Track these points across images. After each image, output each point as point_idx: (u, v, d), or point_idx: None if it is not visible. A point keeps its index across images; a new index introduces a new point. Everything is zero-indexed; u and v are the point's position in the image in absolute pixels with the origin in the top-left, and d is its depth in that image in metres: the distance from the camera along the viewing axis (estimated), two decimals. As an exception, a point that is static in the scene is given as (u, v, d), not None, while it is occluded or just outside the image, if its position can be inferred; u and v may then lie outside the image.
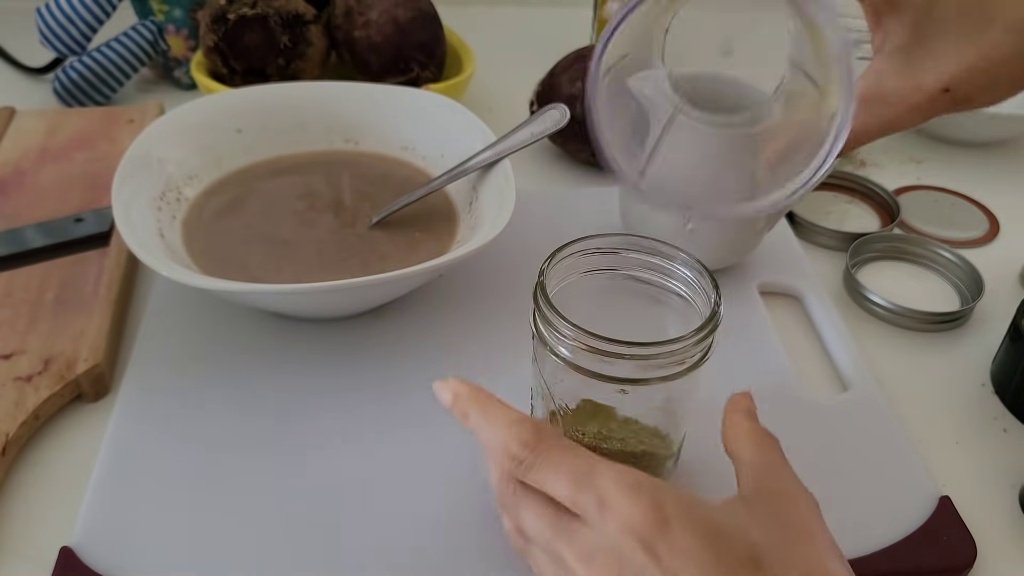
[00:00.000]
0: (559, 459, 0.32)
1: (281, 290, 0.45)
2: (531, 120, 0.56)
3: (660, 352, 0.35)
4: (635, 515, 0.30)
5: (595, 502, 0.31)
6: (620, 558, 0.30)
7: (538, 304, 0.37)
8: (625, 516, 0.30)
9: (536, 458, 0.33)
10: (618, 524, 0.30)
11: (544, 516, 0.33)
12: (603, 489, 0.31)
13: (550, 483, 0.32)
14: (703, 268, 0.39)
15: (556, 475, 0.32)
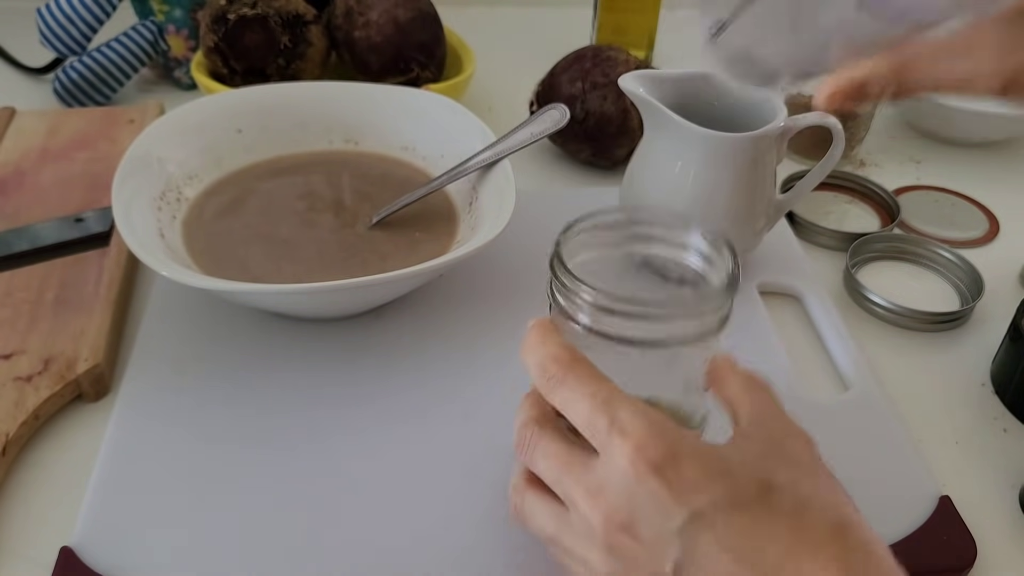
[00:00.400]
0: (585, 381, 0.33)
1: (281, 290, 0.45)
2: (531, 120, 0.56)
3: (681, 310, 0.35)
4: (648, 439, 0.31)
5: (609, 423, 0.31)
6: (629, 490, 0.31)
7: (555, 273, 0.36)
8: (638, 439, 0.31)
9: (566, 375, 0.33)
10: (631, 446, 0.31)
11: (557, 455, 0.33)
12: (619, 413, 0.31)
13: (571, 403, 0.33)
14: (719, 238, 0.38)
15: (579, 395, 0.32)
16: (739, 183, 0.52)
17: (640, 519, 0.31)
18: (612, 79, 0.63)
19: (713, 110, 0.54)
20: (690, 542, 0.30)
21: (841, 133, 0.53)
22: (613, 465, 0.31)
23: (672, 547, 0.30)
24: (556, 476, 0.34)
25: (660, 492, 0.30)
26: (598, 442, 0.32)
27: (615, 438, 0.31)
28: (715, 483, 0.30)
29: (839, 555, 0.30)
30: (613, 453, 0.31)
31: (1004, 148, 0.76)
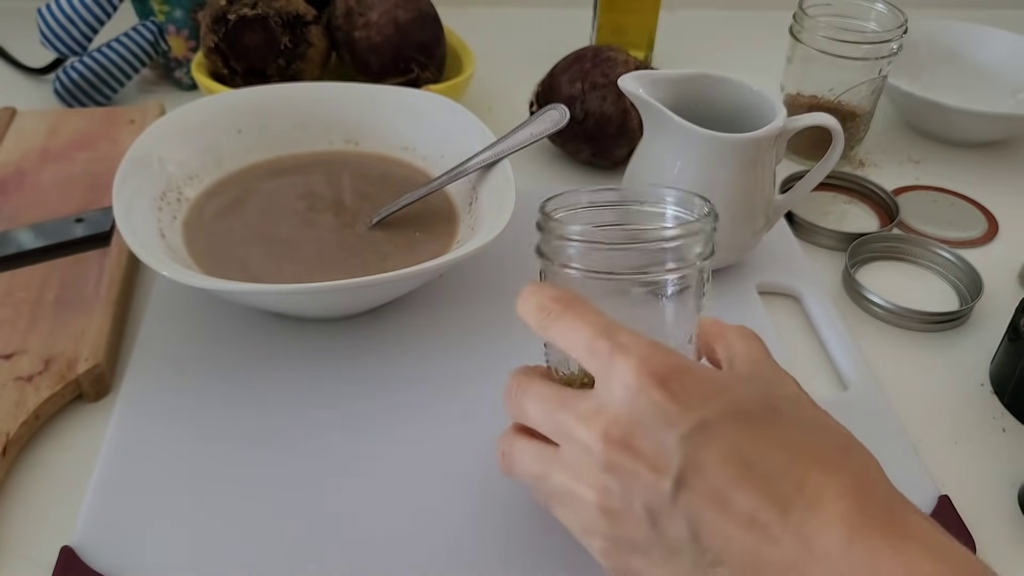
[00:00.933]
0: (583, 314, 0.33)
1: (281, 290, 0.45)
2: (531, 120, 0.56)
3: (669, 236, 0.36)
4: (651, 355, 0.31)
5: (610, 346, 0.31)
6: (631, 401, 0.30)
7: (541, 225, 0.37)
8: (641, 354, 0.31)
9: (563, 310, 0.33)
10: (632, 362, 0.30)
11: (549, 397, 0.34)
12: (620, 337, 0.31)
13: (570, 332, 0.33)
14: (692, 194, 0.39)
15: (578, 324, 0.33)
16: (738, 183, 0.52)
17: (641, 431, 0.30)
18: (612, 79, 0.63)
19: (713, 110, 0.54)
20: (694, 452, 0.29)
21: (840, 133, 0.53)
22: (614, 384, 0.31)
23: (674, 458, 0.30)
24: (548, 413, 0.33)
25: (664, 402, 0.30)
26: (598, 365, 0.32)
27: (617, 356, 0.31)
28: (720, 396, 0.30)
29: (847, 468, 0.30)
30: (615, 370, 0.31)
31: (1004, 148, 0.76)
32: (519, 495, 0.43)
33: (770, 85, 0.60)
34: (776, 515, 0.29)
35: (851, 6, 0.71)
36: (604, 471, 0.31)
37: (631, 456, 0.30)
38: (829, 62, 0.68)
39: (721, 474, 0.29)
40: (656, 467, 0.30)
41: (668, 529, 0.30)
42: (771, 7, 0.92)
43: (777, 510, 0.29)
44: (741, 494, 0.29)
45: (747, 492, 0.29)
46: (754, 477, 0.29)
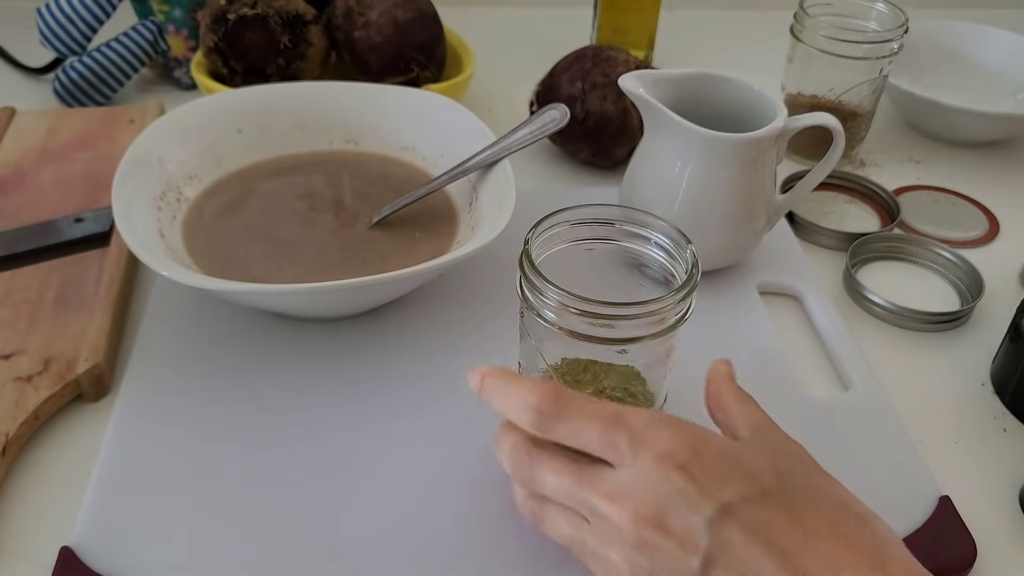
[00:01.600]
0: (585, 408, 0.33)
1: (281, 290, 0.45)
2: (531, 120, 0.56)
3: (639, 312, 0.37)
4: (669, 442, 0.32)
5: (628, 438, 0.32)
6: (656, 489, 0.32)
7: (524, 270, 0.39)
8: (661, 444, 0.32)
9: (563, 410, 0.33)
10: (655, 452, 0.32)
11: (565, 470, 0.34)
12: (635, 425, 0.33)
13: (578, 431, 0.33)
14: (682, 235, 0.41)
15: (585, 422, 0.33)
16: (739, 183, 0.52)
17: (669, 513, 0.31)
18: (612, 79, 0.63)
19: (713, 110, 0.54)
20: (719, 533, 0.31)
21: (841, 133, 0.53)
22: (637, 468, 0.32)
23: (702, 538, 0.31)
24: (568, 488, 0.34)
25: (687, 487, 0.31)
26: (620, 458, 0.33)
27: (638, 449, 0.32)
28: (736, 475, 0.32)
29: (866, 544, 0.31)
30: (637, 461, 0.32)
31: (1004, 148, 0.76)
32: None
33: (771, 85, 0.59)
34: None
35: (852, 6, 0.71)
36: (635, 547, 0.32)
37: (662, 536, 0.32)
38: (830, 62, 0.67)
39: (747, 550, 0.31)
40: (685, 546, 0.31)
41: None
42: (771, 7, 0.92)
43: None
44: (765, 565, 0.31)
45: (770, 564, 0.31)
46: (776, 552, 0.31)
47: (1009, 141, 0.77)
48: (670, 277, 0.41)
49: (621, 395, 0.42)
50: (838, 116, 0.56)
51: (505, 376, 0.35)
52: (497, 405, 0.35)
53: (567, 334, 0.38)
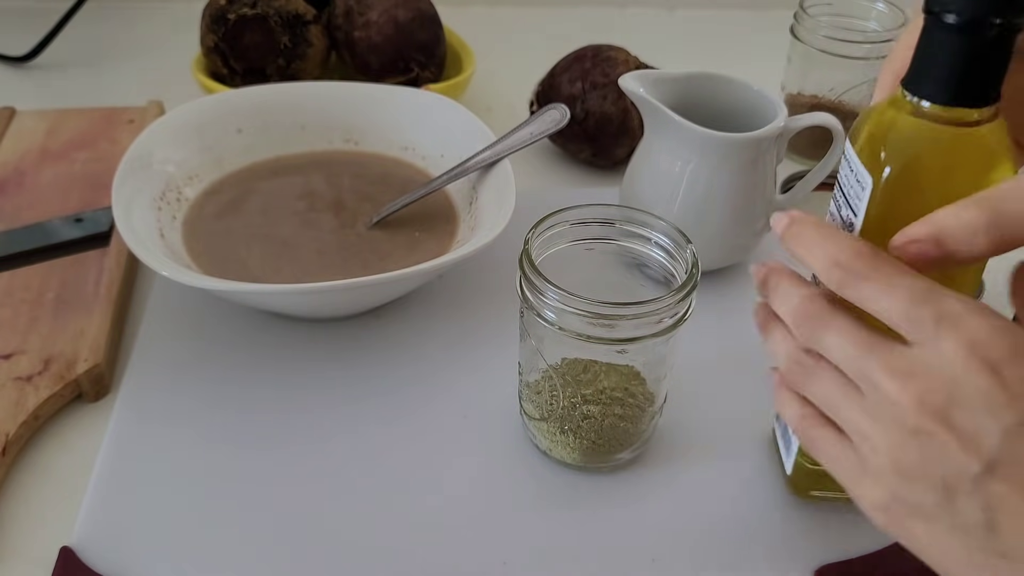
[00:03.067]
0: (895, 273, 0.30)
1: (281, 290, 0.45)
2: (531, 120, 0.56)
3: (639, 312, 0.37)
4: (986, 335, 0.28)
5: (934, 315, 0.29)
6: (952, 379, 0.28)
7: (524, 270, 0.39)
8: (973, 332, 0.28)
9: (873, 270, 0.30)
10: (963, 340, 0.28)
11: (854, 333, 0.31)
12: (949, 306, 0.29)
13: (883, 294, 0.30)
14: (682, 235, 0.41)
15: (891, 287, 0.30)
16: (739, 183, 0.52)
17: (962, 409, 0.28)
18: (612, 79, 0.63)
19: (713, 110, 0.54)
20: (1011, 446, 0.28)
21: (841, 133, 0.53)
22: (938, 354, 0.29)
23: (991, 445, 0.28)
24: (855, 355, 0.31)
25: (993, 391, 0.28)
26: (919, 334, 0.29)
27: (944, 330, 0.29)
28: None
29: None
30: (940, 343, 0.29)
31: (1004, 148, 0.76)
32: (520, 493, 0.43)
33: (770, 85, 0.59)
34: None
35: (852, 5, 0.70)
36: (910, 433, 0.29)
37: (945, 428, 0.28)
38: (830, 62, 0.67)
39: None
40: (968, 447, 0.28)
41: (963, 508, 0.29)
42: (771, 7, 0.92)
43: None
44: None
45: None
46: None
47: (1009, 141, 0.77)
48: (670, 277, 0.41)
49: (621, 395, 0.42)
50: (838, 116, 0.56)
51: (817, 226, 0.32)
52: (801, 253, 0.32)
53: (567, 334, 0.38)
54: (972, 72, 0.30)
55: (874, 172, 0.33)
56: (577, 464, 0.43)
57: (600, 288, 0.37)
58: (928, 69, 0.31)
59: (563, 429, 0.42)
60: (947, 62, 0.30)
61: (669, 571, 0.39)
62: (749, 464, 0.44)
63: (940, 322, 0.29)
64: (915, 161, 0.32)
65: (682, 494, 0.43)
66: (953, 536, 0.30)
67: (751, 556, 0.40)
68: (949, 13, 0.29)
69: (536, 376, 0.42)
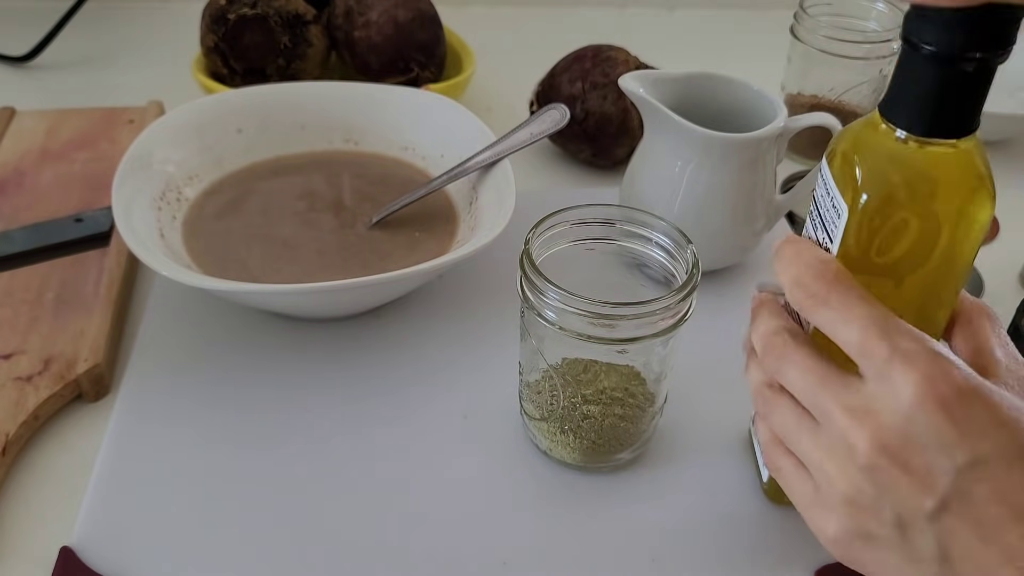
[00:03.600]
0: (856, 301, 0.30)
1: (281, 290, 0.45)
2: (531, 120, 0.56)
3: (639, 312, 0.37)
4: (938, 373, 0.28)
5: (887, 352, 0.29)
6: (905, 417, 0.28)
7: (524, 270, 0.39)
8: (925, 369, 0.28)
9: (831, 293, 0.31)
10: (914, 377, 0.28)
11: (813, 370, 0.32)
12: (901, 341, 0.29)
13: (839, 325, 0.30)
14: (682, 235, 0.41)
15: (847, 318, 0.30)
16: (739, 183, 0.52)
17: (914, 449, 0.29)
18: (612, 79, 0.63)
19: (713, 110, 0.54)
20: (964, 484, 0.28)
21: (841, 133, 0.53)
22: (891, 391, 0.29)
23: (943, 483, 0.28)
24: (811, 389, 0.32)
25: (944, 429, 0.28)
26: (872, 367, 0.29)
27: (897, 366, 0.29)
28: (1003, 430, 0.28)
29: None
30: (895, 380, 0.29)
31: (1004, 148, 0.76)
32: (520, 493, 0.43)
33: (770, 85, 0.59)
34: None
35: (852, 5, 0.70)
36: (863, 472, 0.30)
37: (898, 468, 0.29)
38: (830, 62, 0.67)
39: (991, 511, 0.28)
40: (922, 485, 0.29)
41: (916, 541, 0.30)
42: (771, 7, 0.92)
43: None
44: (1011, 535, 0.28)
45: (1014, 533, 0.28)
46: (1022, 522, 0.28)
47: (1009, 141, 0.77)
48: (670, 277, 0.41)
49: (621, 395, 0.42)
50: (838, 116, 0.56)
51: (793, 243, 0.33)
52: (778, 272, 0.33)
53: (568, 334, 0.38)
54: (950, 104, 0.30)
55: (849, 198, 0.32)
56: (577, 464, 0.43)
57: (600, 288, 0.37)
58: (905, 98, 0.30)
59: (563, 429, 0.42)
60: (925, 93, 0.29)
61: (669, 571, 0.39)
62: (749, 464, 0.44)
63: (892, 359, 0.29)
64: (892, 188, 0.31)
65: (682, 494, 0.43)
66: (907, 567, 0.31)
67: (751, 556, 0.40)
68: (927, 45, 0.28)
69: (536, 376, 0.42)
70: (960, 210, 0.31)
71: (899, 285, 0.33)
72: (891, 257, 0.32)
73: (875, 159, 0.32)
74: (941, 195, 0.31)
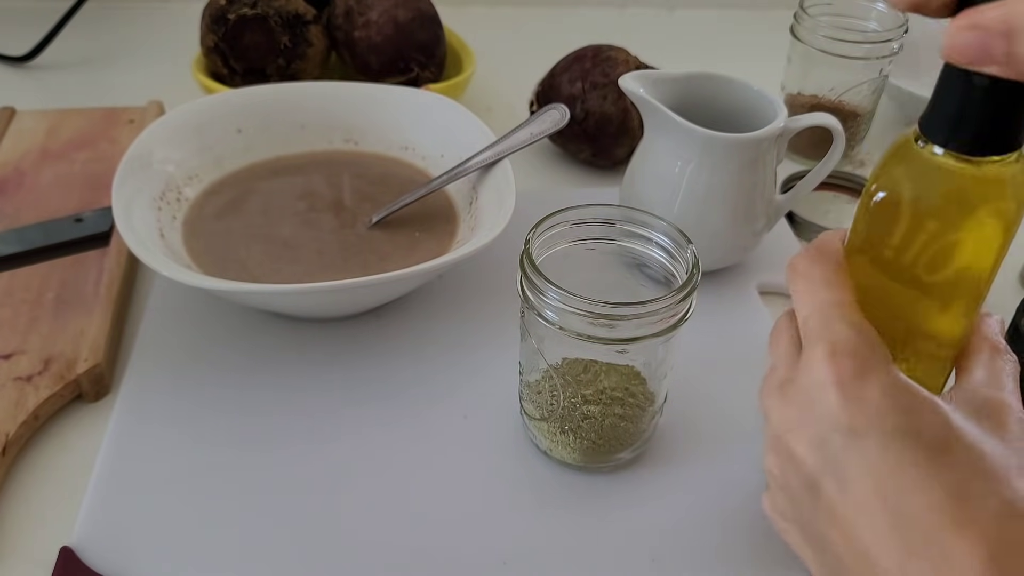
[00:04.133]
0: (822, 284, 0.32)
1: (281, 290, 0.45)
2: (531, 120, 0.56)
3: (639, 312, 0.37)
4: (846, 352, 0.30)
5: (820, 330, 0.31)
6: (807, 393, 0.31)
7: (524, 270, 0.39)
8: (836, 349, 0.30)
9: (807, 269, 0.33)
10: (823, 355, 0.30)
11: (777, 354, 0.34)
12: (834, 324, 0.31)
13: (800, 300, 0.33)
14: (682, 235, 0.41)
15: (807, 293, 0.33)
16: (739, 183, 0.52)
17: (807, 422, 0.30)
18: (612, 79, 0.63)
19: (713, 110, 0.54)
20: (841, 457, 0.29)
21: (841, 134, 0.53)
22: (805, 366, 0.31)
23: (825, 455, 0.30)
24: (776, 363, 0.34)
25: (834, 403, 0.29)
26: (805, 343, 0.32)
27: (814, 342, 0.31)
28: (894, 414, 0.29)
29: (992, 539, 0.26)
30: (809, 355, 0.31)
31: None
32: (520, 493, 0.43)
33: (771, 85, 0.59)
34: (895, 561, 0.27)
35: (852, 5, 0.70)
36: (771, 445, 0.32)
37: (793, 439, 0.31)
38: (830, 62, 0.67)
39: (858, 489, 0.29)
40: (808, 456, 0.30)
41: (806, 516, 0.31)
42: (771, 7, 0.92)
43: (897, 556, 0.27)
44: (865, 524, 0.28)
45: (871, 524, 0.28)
46: (887, 508, 0.28)
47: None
48: (670, 277, 0.41)
49: (621, 395, 0.42)
50: (838, 116, 0.56)
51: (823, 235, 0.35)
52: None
53: (568, 334, 0.38)
54: (993, 120, 0.29)
55: (864, 193, 0.33)
56: (577, 464, 0.43)
57: (600, 288, 0.37)
58: (944, 115, 0.30)
59: (563, 429, 0.42)
60: (968, 110, 0.29)
61: (669, 571, 0.40)
62: (749, 464, 0.44)
63: (820, 338, 0.31)
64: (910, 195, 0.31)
65: (682, 494, 0.43)
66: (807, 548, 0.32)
67: (751, 556, 0.40)
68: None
69: (536, 376, 0.42)
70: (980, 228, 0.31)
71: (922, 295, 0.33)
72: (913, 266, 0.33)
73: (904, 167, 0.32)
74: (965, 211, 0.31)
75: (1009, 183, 0.30)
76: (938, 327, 0.34)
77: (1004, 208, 0.30)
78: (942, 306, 0.33)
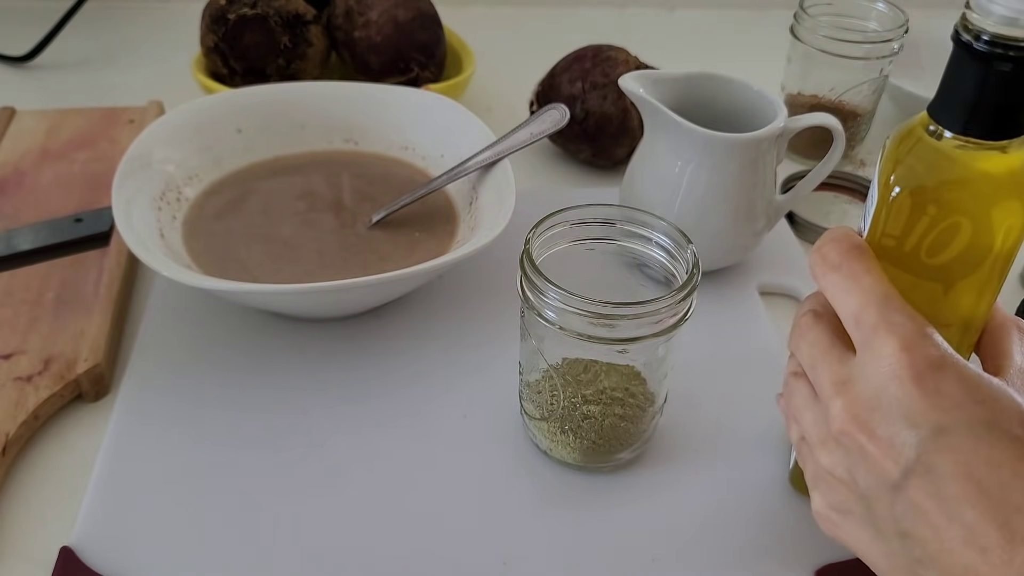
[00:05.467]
0: (863, 272, 0.31)
1: (281, 290, 0.45)
2: (531, 120, 0.56)
3: (639, 312, 0.37)
4: (917, 343, 0.29)
5: (877, 319, 0.30)
6: (882, 383, 0.29)
7: (524, 270, 0.39)
8: (906, 340, 0.29)
9: (842, 263, 0.32)
10: (896, 345, 0.29)
11: (819, 343, 0.33)
12: (893, 315, 0.30)
13: (841, 292, 0.31)
14: (682, 235, 0.41)
15: (851, 287, 0.31)
16: (739, 183, 0.52)
17: (881, 416, 0.29)
18: (612, 79, 0.63)
19: (713, 110, 0.54)
20: (927, 456, 0.28)
21: (841, 134, 0.53)
22: (872, 361, 0.30)
23: (907, 453, 0.29)
24: (810, 363, 0.33)
25: (913, 398, 0.28)
26: (860, 336, 0.31)
27: (881, 335, 0.30)
28: (975, 406, 0.28)
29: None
30: (875, 349, 0.30)
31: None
32: (520, 493, 0.43)
33: (771, 85, 0.59)
34: (1003, 545, 0.27)
35: (852, 5, 0.70)
36: (835, 441, 0.31)
37: (865, 436, 0.30)
38: (830, 62, 0.67)
39: (951, 486, 0.28)
40: (886, 456, 0.29)
41: (882, 516, 0.30)
42: (771, 7, 0.92)
43: (1004, 541, 0.27)
44: (970, 511, 0.28)
45: (976, 512, 0.27)
46: (986, 501, 0.27)
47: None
48: (671, 277, 0.41)
49: (621, 395, 0.42)
50: (838, 116, 0.56)
51: (836, 227, 0.34)
52: (814, 248, 0.34)
53: (568, 334, 0.38)
54: (1015, 104, 0.29)
55: (881, 186, 0.33)
56: (577, 464, 0.43)
57: (601, 288, 0.37)
58: (961, 101, 0.30)
59: (563, 429, 0.42)
60: (987, 95, 0.29)
61: (669, 571, 0.39)
62: (749, 464, 0.44)
63: (878, 329, 0.30)
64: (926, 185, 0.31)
65: (682, 494, 0.43)
66: (876, 543, 0.31)
67: (751, 556, 0.40)
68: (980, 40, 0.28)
69: (536, 376, 0.42)
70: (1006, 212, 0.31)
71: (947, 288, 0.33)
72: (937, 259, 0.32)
73: (918, 157, 0.32)
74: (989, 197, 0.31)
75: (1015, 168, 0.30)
76: (962, 314, 0.34)
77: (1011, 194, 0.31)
78: (969, 293, 0.33)
